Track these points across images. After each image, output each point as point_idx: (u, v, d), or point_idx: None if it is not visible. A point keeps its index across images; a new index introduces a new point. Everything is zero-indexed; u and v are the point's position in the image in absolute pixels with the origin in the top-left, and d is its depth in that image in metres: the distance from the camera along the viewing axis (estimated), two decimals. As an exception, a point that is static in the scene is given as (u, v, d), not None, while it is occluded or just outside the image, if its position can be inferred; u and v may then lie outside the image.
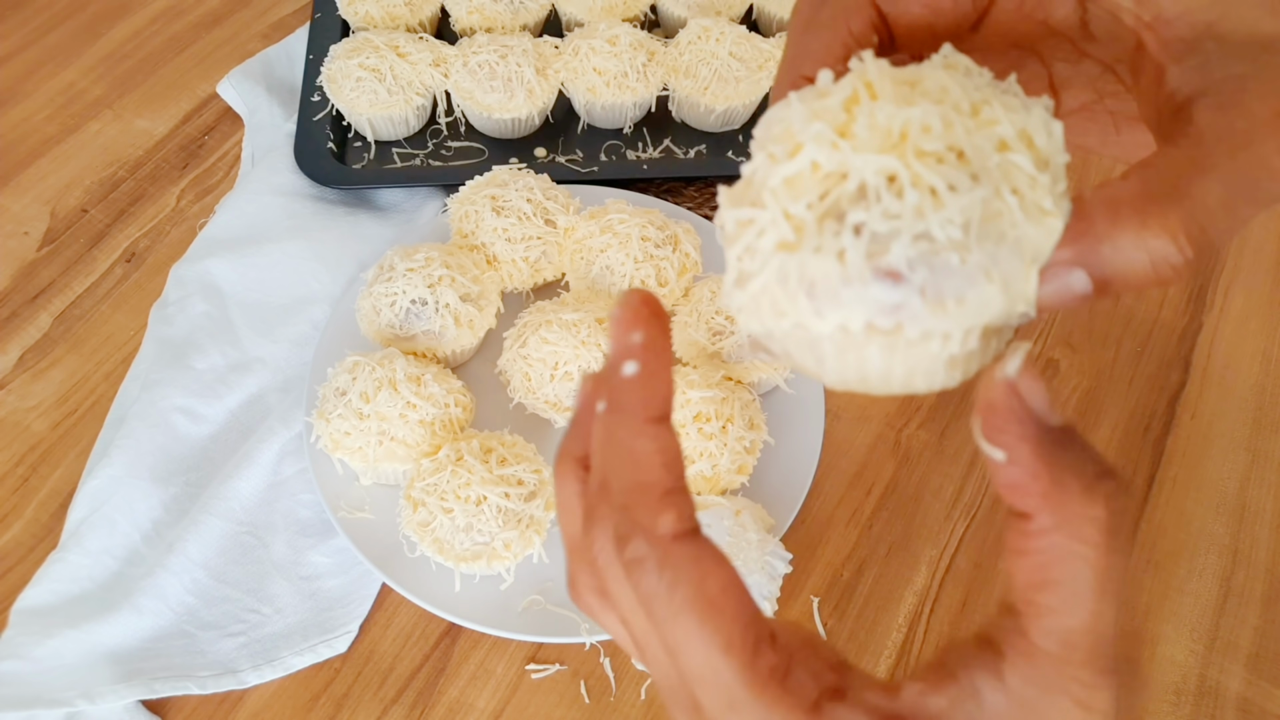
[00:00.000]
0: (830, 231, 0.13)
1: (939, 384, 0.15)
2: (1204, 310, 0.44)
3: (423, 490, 0.32)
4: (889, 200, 0.13)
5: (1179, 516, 0.37)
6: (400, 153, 0.46)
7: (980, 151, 0.13)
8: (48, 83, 0.50)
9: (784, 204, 0.14)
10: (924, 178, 0.13)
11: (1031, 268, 0.13)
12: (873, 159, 0.13)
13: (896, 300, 0.13)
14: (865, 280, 0.13)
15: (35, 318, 0.42)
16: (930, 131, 0.13)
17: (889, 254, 0.13)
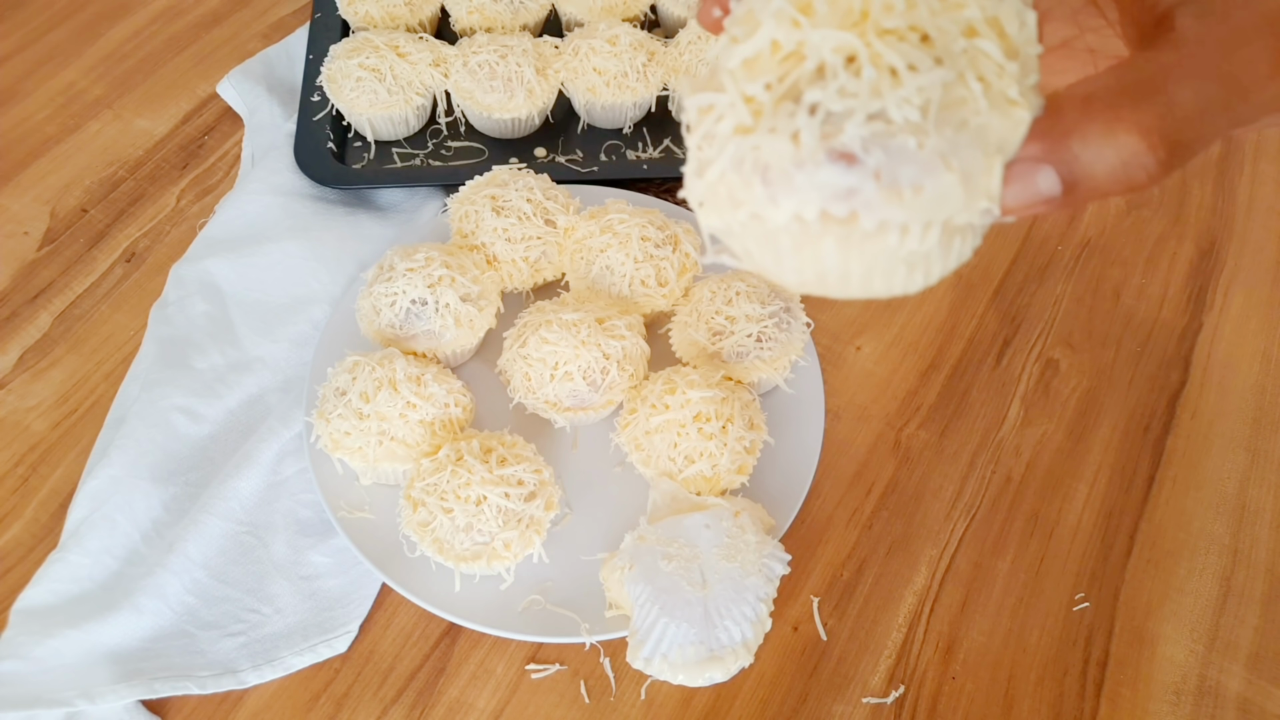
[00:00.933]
0: (786, 112, 0.13)
1: (899, 286, 0.14)
2: (1204, 310, 0.44)
3: (422, 490, 0.32)
4: (846, 79, 0.12)
5: (1179, 516, 0.37)
6: (400, 153, 0.46)
7: (946, 34, 0.13)
8: (48, 82, 0.50)
9: (742, 86, 0.13)
10: (883, 56, 0.12)
11: (995, 160, 0.13)
12: (831, 35, 0.13)
13: (850, 184, 0.13)
14: (818, 162, 0.13)
15: (35, 317, 0.42)
16: (893, 10, 0.13)
17: (842, 134, 0.12)
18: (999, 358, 0.42)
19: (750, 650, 0.29)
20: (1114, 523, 0.37)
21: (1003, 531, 0.37)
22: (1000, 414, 0.40)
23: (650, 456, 0.34)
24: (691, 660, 0.28)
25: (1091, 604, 0.35)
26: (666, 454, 0.33)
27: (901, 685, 0.33)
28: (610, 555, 0.32)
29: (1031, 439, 0.39)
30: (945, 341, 0.42)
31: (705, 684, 0.29)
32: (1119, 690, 0.33)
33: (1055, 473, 0.38)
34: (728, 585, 0.29)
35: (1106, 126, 0.13)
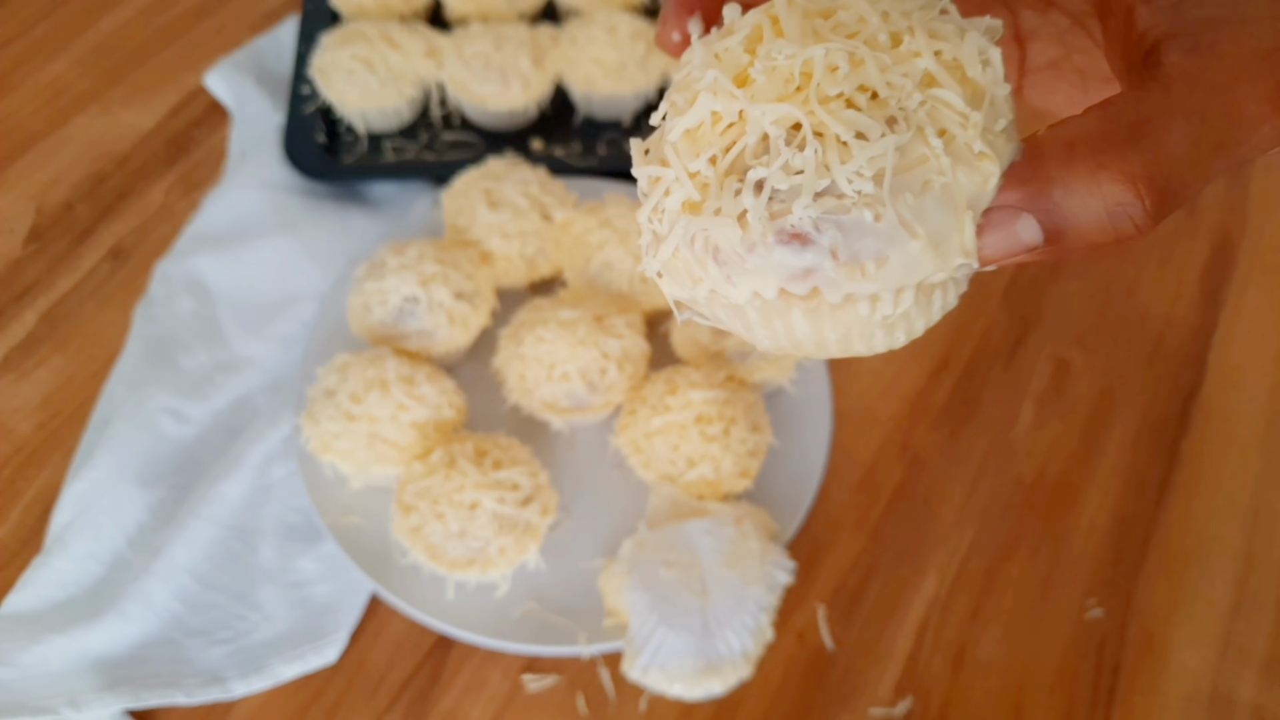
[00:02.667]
0: (731, 189, 0.12)
1: (881, 346, 0.13)
2: (1219, 308, 0.43)
3: (414, 494, 0.31)
4: (790, 153, 0.12)
5: (1192, 520, 0.37)
6: (393, 145, 0.45)
7: (899, 90, 0.12)
8: (34, 76, 0.49)
9: (685, 161, 0.12)
10: (828, 127, 0.12)
11: (965, 216, 0.12)
12: (770, 108, 0.12)
13: (806, 264, 0.12)
14: (769, 245, 0.12)
15: (20, 316, 0.41)
16: (836, 72, 0.12)
17: (791, 214, 0.12)
18: (1010, 358, 0.41)
19: (750, 662, 0.28)
20: (1127, 527, 0.36)
21: (1014, 536, 0.36)
22: (1011, 415, 0.39)
23: (650, 460, 0.33)
24: (689, 671, 0.28)
25: (1104, 611, 0.34)
26: (667, 457, 0.33)
27: (910, 696, 0.32)
28: (609, 562, 0.31)
29: (1043, 441, 0.38)
30: (955, 341, 0.41)
31: (703, 696, 0.28)
32: (1131, 699, 0.32)
33: (1067, 476, 0.37)
34: (728, 594, 0.29)
35: (1090, 175, 0.12)
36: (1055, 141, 0.12)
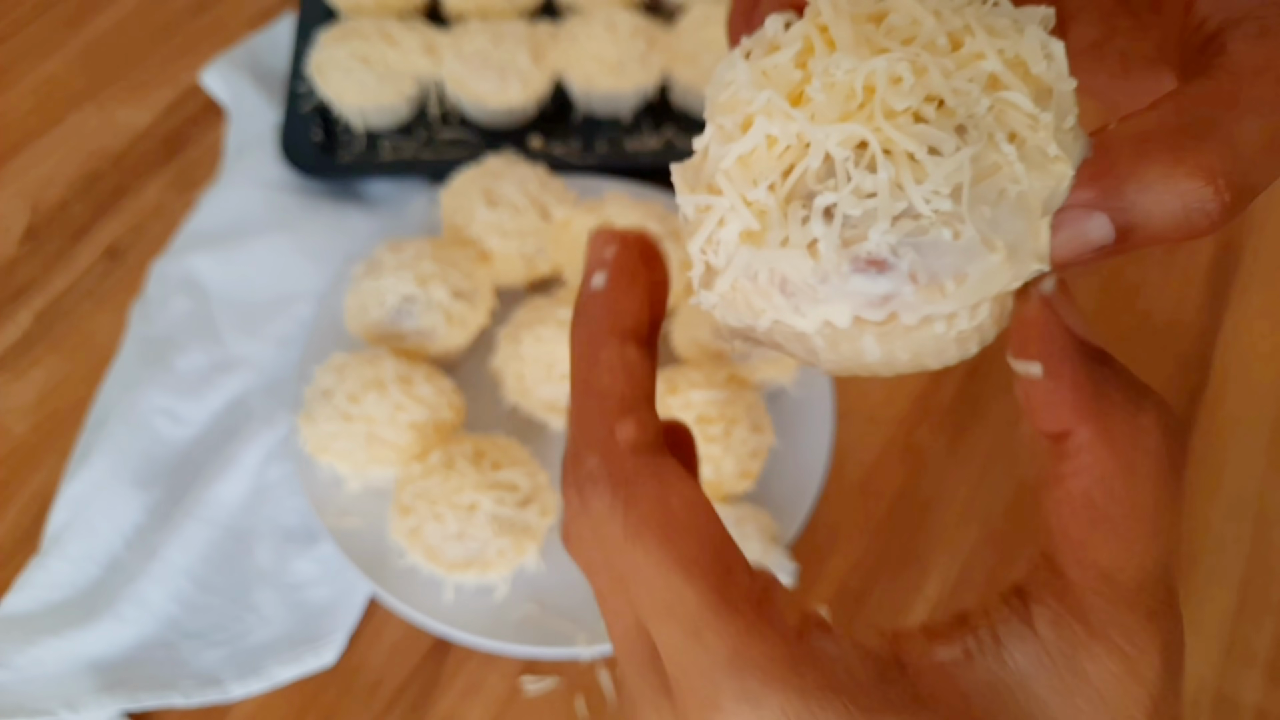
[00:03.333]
0: (797, 217, 0.11)
1: (954, 359, 0.13)
2: (1223, 309, 0.42)
3: (412, 495, 0.31)
4: (860, 176, 0.11)
5: (1196, 522, 0.36)
6: (390, 143, 0.45)
7: (965, 96, 0.11)
8: (28, 74, 0.49)
9: (741, 188, 0.12)
10: (898, 144, 0.11)
11: (1042, 221, 0.12)
12: (834, 130, 0.11)
13: (884, 291, 0.11)
14: (844, 274, 0.11)
15: (15, 316, 0.41)
16: (900, 83, 0.11)
17: (867, 241, 0.11)
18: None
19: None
20: (1131, 528, 0.36)
21: (1018, 539, 0.36)
22: (1015, 416, 0.39)
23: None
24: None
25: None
26: (666, 458, 0.32)
27: (911, 698, 0.32)
28: (608, 564, 0.31)
29: (1045, 441, 0.38)
30: (956, 340, 0.41)
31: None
32: (1135, 702, 0.32)
33: (1070, 476, 0.37)
34: (730, 597, 0.28)
35: (1166, 170, 0.11)
36: (1127, 136, 0.12)
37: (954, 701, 0.11)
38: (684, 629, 0.11)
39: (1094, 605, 0.11)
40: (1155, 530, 0.11)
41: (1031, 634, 0.11)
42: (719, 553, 0.12)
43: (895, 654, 0.12)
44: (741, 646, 0.11)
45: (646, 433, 0.13)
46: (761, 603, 0.11)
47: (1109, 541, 0.11)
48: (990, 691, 0.11)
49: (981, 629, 0.12)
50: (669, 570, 0.11)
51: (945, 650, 0.12)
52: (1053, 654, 0.11)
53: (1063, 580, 0.11)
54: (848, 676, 0.11)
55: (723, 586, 0.11)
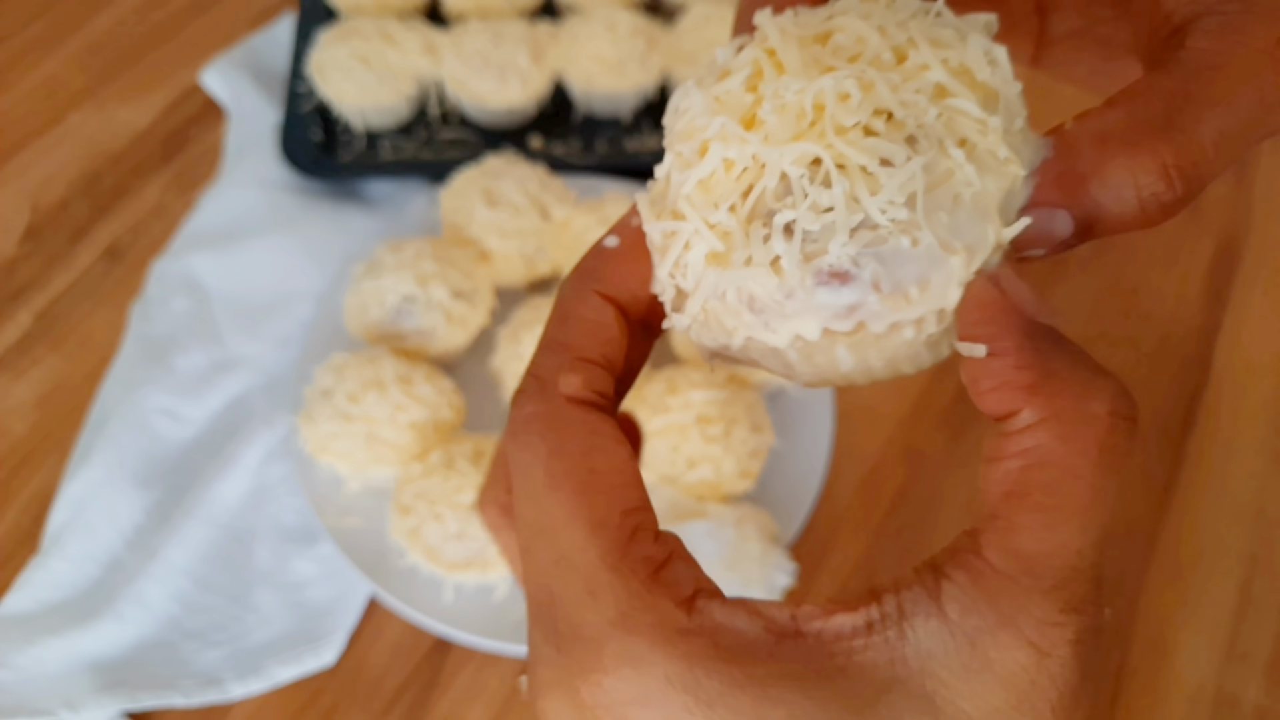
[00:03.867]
0: (759, 236, 0.12)
1: (928, 363, 0.13)
2: (1223, 309, 0.42)
3: (412, 495, 0.31)
4: (816, 192, 0.11)
5: (1197, 522, 0.36)
6: (390, 143, 0.45)
7: (914, 107, 0.12)
8: (28, 74, 0.49)
9: (703, 212, 0.12)
10: (850, 158, 0.11)
11: (1000, 221, 0.12)
12: (788, 149, 0.11)
13: (849, 301, 0.12)
14: (808, 288, 0.12)
15: (15, 316, 0.41)
16: (849, 100, 0.11)
17: (828, 254, 0.11)
18: (1012, 357, 0.41)
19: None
20: (1132, 529, 0.36)
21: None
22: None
23: (650, 461, 0.33)
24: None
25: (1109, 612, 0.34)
26: (668, 458, 0.32)
27: (910, 698, 0.32)
28: (608, 564, 0.31)
29: (1045, 441, 0.38)
30: (956, 340, 0.41)
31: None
32: (1135, 701, 0.32)
33: (1070, 476, 0.37)
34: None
35: (1126, 167, 0.12)
36: (1086, 135, 0.12)
37: (851, 673, 0.10)
38: (580, 584, 0.11)
39: (1008, 592, 0.10)
40: (1087, 523, 0.11)
41: (938, 611, 0.11)
42: (628, 516, 0.12)
43: (795, 624, 0.11)
44: (632, 609, 0.11)
45: (591, 389, 0.13)
46: (660, 569, 0.11)
47: (1037, 528, 0.11)
48: (889, 666, 0.10)
49: (887, 600, 0.11)
50: (576, 525, 0.11)
51: (847, 619, 0.11)
52: (957, 636, 0.10)
53: (981, 561, 0.11)
54: (738, 644, 0.11)
55: (624, 548, 0.11)
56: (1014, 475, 0.11)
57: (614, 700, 0.11)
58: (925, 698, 0.10)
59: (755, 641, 0.11)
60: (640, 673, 0.11)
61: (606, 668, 0.11)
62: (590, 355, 0.13)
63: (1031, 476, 0.11)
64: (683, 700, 0.10)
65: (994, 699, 0.10)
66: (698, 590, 0.11)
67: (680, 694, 0.10)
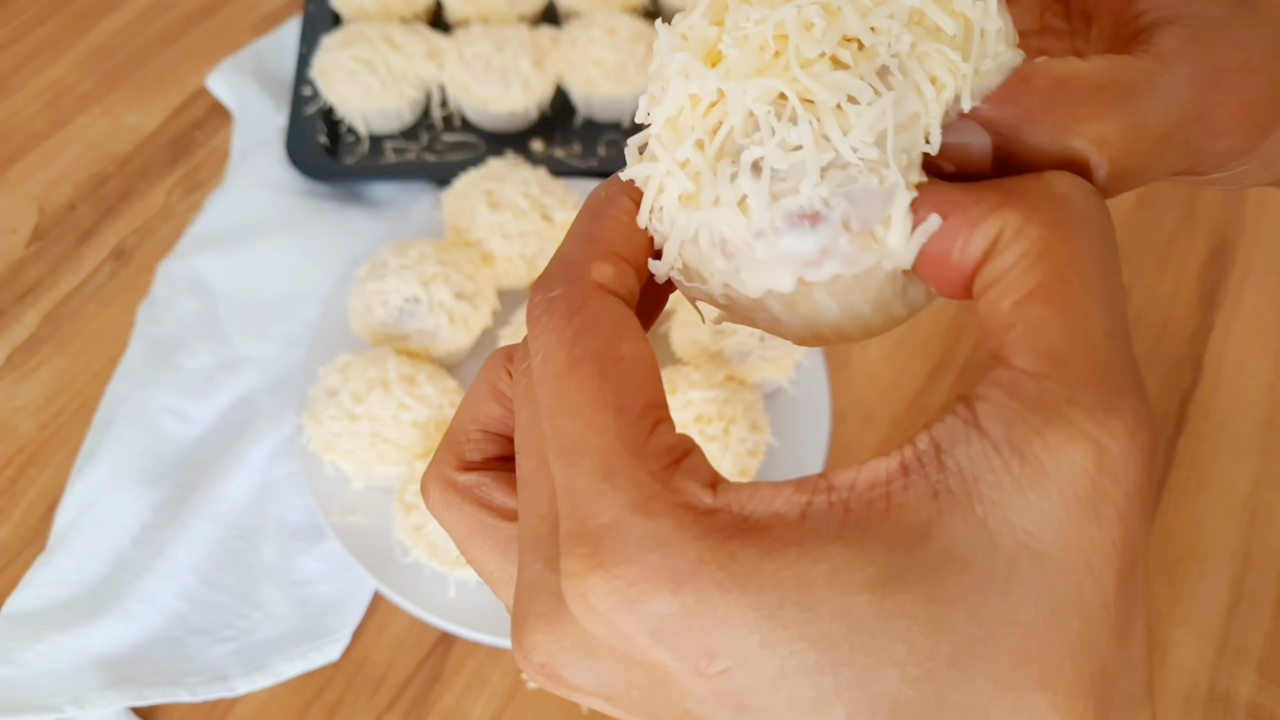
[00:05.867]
0: (726, 174, 0.11)
1: (920, 301, 0.12)
2: (1216, 309, 0.43)
3: (416, 494, 0.31)
4: (784, 129, 0.11)
5: (1190, 520, 0.37)
6: (394, 146, 0.46)
7: (885, 34, 0.11)
8: (36, 77, 0.49)
9: (673, 152, 0.11)
10: (814, 93, 0.11)
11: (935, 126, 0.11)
12: (751, 85, 0.11)
13: (820, 244, 0.11)
14: (779, 229, 0.11)
15: (23, 316, 0.41)
16: (813, 30, 0.11)
17: (799, 194, 0.11)
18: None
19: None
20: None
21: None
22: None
23: (650, 459, 0.33)
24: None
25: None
26: (666, 456, 0.33)
27: (907, 693, 0.32)
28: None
29: (1040, 440, 0.38)
30: (953, 340, 0.41)
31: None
32: (1129, 697, 0.32)
33: (1064, 475, 0.38)
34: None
35: (1064, 121, 0.11)
36: (1046, 75, 0.12)
37: (893, 517, 0.09)
38: (598, 469, 0.10)
39: (1049, 390, 0.09)
40: (1106, 298, 0.10)
41: (977, 433, 0.09)
42: (651, 408, 0.11)
43: (827, 481, 0.10)
44: (654, 493, 0.10)
45: (623, 284, 0.12)
46: (683, 457, 0.10)
47: (1058, 319, 0.10)
48: (933, 500, 0.09)
49: (921, 438, 0.10)
50: (598, 407, 0.10)
51: (881, 464, 0.10)
52: (1002, 450, 0.09)
53: (1011, 371, 0.10)
54: (768, 513, 0.10)
55: (647, 436, 0.10)
56: (1019, 279, 0.10)
57: (639, 592, 0.09)
58: (978, 524, 0.09)
59: (786, 507, 0.10)
60: (668, 555, 0.09)
61: (630, 557, 0.10)
62: (622, 251, 0.12)
63: (1035, 272, 0.10)
64: (717, 577, 0.09)
65: (1054, 509, 0.09)
66: (719, 479, 0.10)
67: (714, 570, 0.09)
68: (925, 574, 0.09)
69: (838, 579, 0.09)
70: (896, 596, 0.09)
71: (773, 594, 0.09)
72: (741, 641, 0.09)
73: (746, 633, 0.09)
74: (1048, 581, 0.09)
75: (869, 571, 0.09)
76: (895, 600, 0.09)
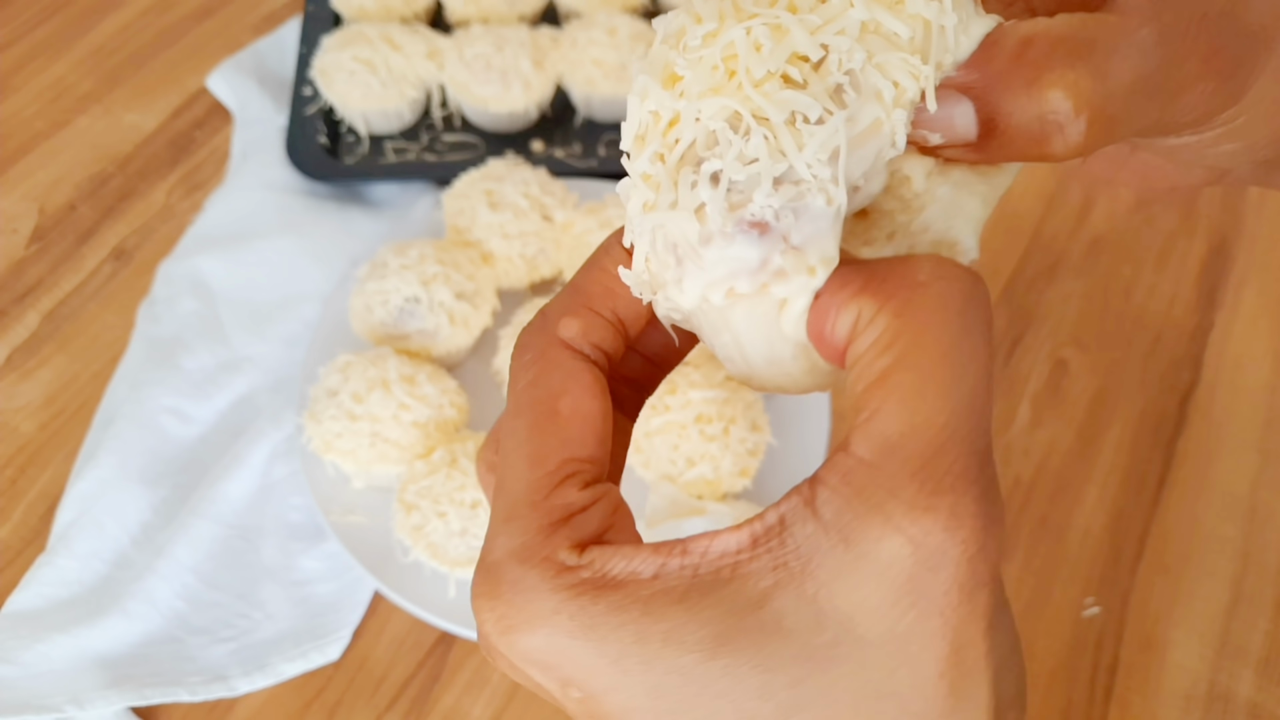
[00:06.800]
0: (688, 182, 0.12)
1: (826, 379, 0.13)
2: (1215, 309, 0.43)
3: (416, 494, 0.31)
4: (741, 143, 0.11)
5: (1189, 519, 0.37)
6: (394, 146, 0.46)
7: (839, 50, 0.11)
8: (36, 77, 0.49)
9: (637, 163, 0.12)
10: (766, 112, 0.11)
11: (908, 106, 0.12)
12: (706, 104, 0.11)
13: (762, 254, 0.11)
14: (728, 235, 0.11)
15: (23, 317, 0.41)
16: (762, 50, 0.11)
17: (752, 202, 0.11)
18: (1008, 357, 0.41)
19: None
20: (1124, 526, 0.36)
21: (1011, 535, 0.36)
22: (1009, 415, 0.39)
23: (650, 459, 0.33)
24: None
25: (1101, 609, 0.34)
26: (667, 456, 0.33)
27: (907, 693, 0.32)
28: (609, 560, 0.31)
29: (1040, 440, 0.39)
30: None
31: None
32: (1128, 697, 0.33)
33: (1065, 475, 0.38)
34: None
35: (1035, 75, 0.11)
36: (1013, 35, 0.12)
37: (734, 584, 0.10)
38: (505, 510, 0.12)
39: (874, 479, 0.10)
40: (947, 391, 0.10)
41: (813, 515, 0.10)
42: (568, 463, 0.12)
43: (683, 547, 0.11)
44: (533, 543, 0.11)
45: (588, 339, 0.13)
46: (573, 515, 0.12)
47: (895, 408, 0.10)
48: (772, 574, 0.10)
49: (769, 514, 0.11)
50: (521, 455, 0.12)
51: (731, 537, 0.11)
52: (832, 535, 0.10)
53: (850, 457, 0.10)
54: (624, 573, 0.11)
55: (550, 490, 0.12)
56: (868, 366, 0.10)
57: (507, 625, 0.11)
58: (809, 601, 0.10)
59: (643, 567, 0.11)
60: (530, 600, 0.11)
61: (502, 593, 0.11)
62: (598, 307, 0.13)
63: (882, 360, 0.10)
64: (567, 626, 0.11)
65: (873, 597, 0.10)
66: (598, 537, 0.12)
67: (564, 620, 0.11)
68: (755, 640, 0.10)
69: (673, 637, 0.10)
70: (725, 658, 0.10)
71: (614, 645, 0.10)
72: (591, 680, 0.11)
73: (593, 674, 0.11)
74: (865, 664, 0.10)
75: (702, 633, 0.10)
76: (723, 662, 0.10)
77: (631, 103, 0.12)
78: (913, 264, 0.11)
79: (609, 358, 0.13)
